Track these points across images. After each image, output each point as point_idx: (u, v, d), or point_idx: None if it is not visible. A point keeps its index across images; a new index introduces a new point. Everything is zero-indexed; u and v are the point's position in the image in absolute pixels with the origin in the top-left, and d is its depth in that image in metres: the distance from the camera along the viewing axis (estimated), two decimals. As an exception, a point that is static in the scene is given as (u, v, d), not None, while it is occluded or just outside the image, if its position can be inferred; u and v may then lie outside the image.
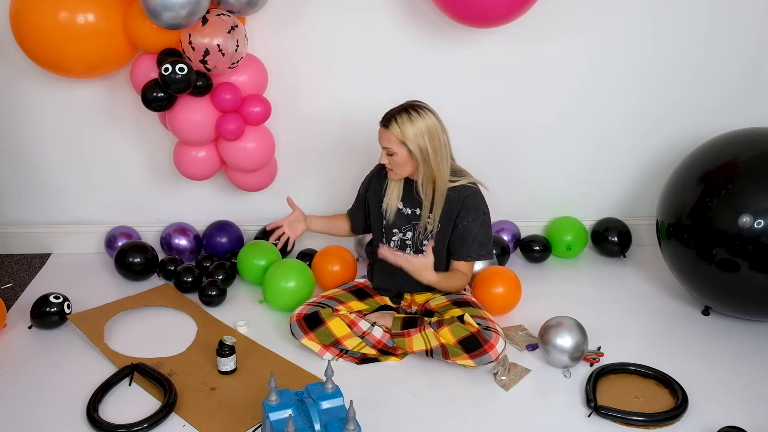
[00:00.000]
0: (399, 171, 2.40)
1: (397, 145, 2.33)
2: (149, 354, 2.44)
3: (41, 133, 3.00)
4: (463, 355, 2.33)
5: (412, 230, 2.51)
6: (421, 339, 2.39)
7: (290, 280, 2.67)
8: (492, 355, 2.32)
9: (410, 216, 2.50)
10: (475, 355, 2.32)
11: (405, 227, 2.51)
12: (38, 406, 2.21)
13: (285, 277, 2.68)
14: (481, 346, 2.32)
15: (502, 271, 2.75)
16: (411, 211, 2.49)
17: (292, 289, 2.66)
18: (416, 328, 2.42)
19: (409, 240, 2.52)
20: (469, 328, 2.35)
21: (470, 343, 2.33)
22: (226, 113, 2.67)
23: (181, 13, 2.37)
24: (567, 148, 3.10)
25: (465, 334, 2.34)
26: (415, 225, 2.49)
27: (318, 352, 2.43)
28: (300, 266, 2.74)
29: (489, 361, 2.32)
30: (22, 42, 2.54)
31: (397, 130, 2.32)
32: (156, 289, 2.87)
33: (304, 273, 2.72)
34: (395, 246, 2.54)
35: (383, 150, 2.37)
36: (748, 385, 2.33)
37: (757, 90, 3.01)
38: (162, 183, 3.10)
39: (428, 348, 2.38)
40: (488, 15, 2.56)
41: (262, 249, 2.86)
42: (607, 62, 2.95)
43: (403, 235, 2.52)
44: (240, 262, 2.88)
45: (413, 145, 2.32)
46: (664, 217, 2.66)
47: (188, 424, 2.13)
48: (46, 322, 2.56)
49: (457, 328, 2.36)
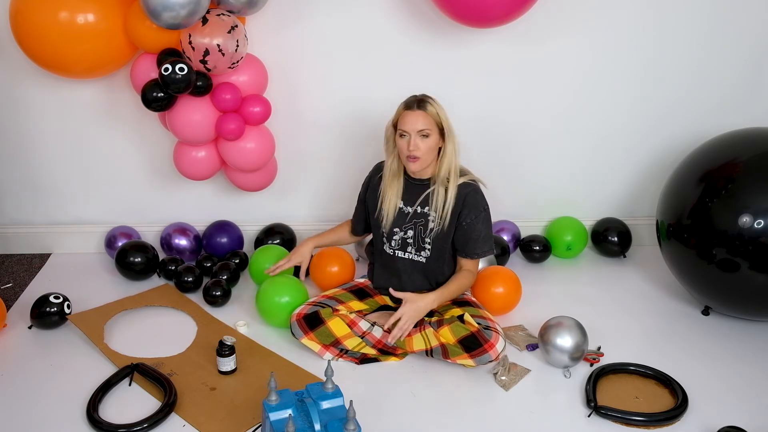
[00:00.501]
0: (426, 158, 2.40)
1: (432, 126, 2.37)
2: (149, 354, 2.44)
3: (41, 133, 3.00)
4: (463, 354, 2.33)
5: (413, 228, 2.51)
6: (421, 339, 2.39)
7: (284, 295, 2.55)
8: (492, 354, 2.32)
9: (411, 214, 2.50)
10: (475, 355, 2.32)
11: (405, 226, 2.51)
12: (38, 406, 2.21)
13: (278, 293, 2.55)
14: (481, 346, 2.32)
15: (503, 271, 2.75)
16: (411, 209, 2.49)
17: (286, 305, 2.54)
18: (416, 328, 2.42)
19: (411, 238, 2.52)
20: (469, 328, 2.35)
21: (470, 342, 2.33)
22: (226, 113, 2.67)
23: (181, 13, 2.37)
24: (567, 148, 3.10)
25: (465, 334, 2.34)
26: (416, 223, 2.49)
27: (318, 352, 2.43)
28: (293, 282, 2.61)
29: (489, 361, 2.32)
30: (22, 42, 2.54)
31: (433, 111, 2.37)
32: (156, 289, 2.87)
33: (297, 289, 2.60)
34: (396, 245, 2.54)
35: (415, 134, 2.36)
36: (748, 385, 2.33)
37: (757, 90, 3.01)
38: (162, 183, 3.10)
39: (428, 348, 2.38)
40: (488, 15, 2.56)
41: (275, 254, 2.81)
42: (607, 62, 2.95)
43: (404, 233, 2.52)
44: (252, 266, 2.82)
45: (446, 125, 2.39)
46: (664, 217, 2.66)
47: (188, 424, 2.13)
48: (46, 322, 2.56)
49: (457, 327, 2.36)
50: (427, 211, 2.48)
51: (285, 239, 3.07)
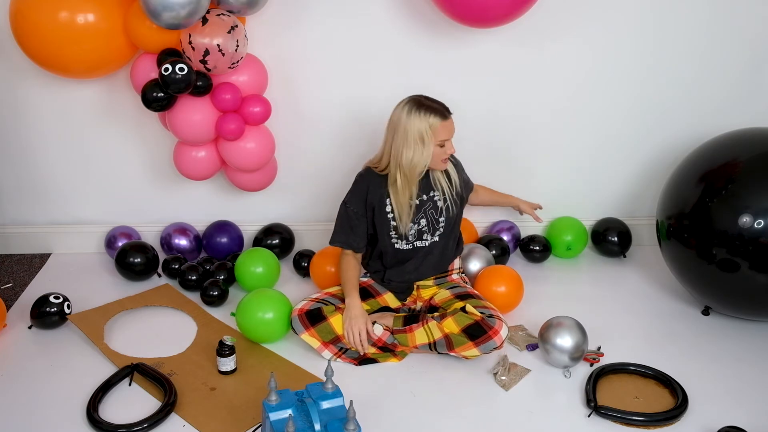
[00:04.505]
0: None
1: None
2: (149, 354, 2.44)
3: (41, 133, 3.00)
4: (468, 343, 2.33)
5: (425, 216, 2.51)
6: (424, 332, 2.40)
7: (267, 311, 2.47)
8: (497, 341, 2.32)
9: (419, 204, 2.49)
10: (479, 342, 2.33)
11: (417, 217, 2.50)
12: (38, 406, 2.21)
13: (261, 309, 2.46)
14: (485, 332, 2.33)
15: (505, 270, 2.75)
16: (419, 198, 2.49)
17: (269, 320, 2.46)
18: (418, 323, 2.42)
19: (425, 226, 2.52)
20: (473, 317, 2.36)
21: (474, 330, 2.34)
22: (226, 113, 2.67)
23: (181, 13, 2.37)
24: (567, 148, 3.10)
25: (469, 322, 2.35)
26: (426, 210, 2.50)
27: (317, 349, 2.43)
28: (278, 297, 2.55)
29: (493, 348, 2.33)
30: (22, 42, 2.54)
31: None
32: (156, 289, 2.87)
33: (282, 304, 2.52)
34: (413, 238, 2.53)
35: (449, 140, 2.40)
36: (748, 385, 2.33)
37: (757, 90, 3.00)
38: (162, 183, 3.10)
39: (431, 341, 2.38)
40: (488, 15, 2.56)
41: (260, 256, 2.82)
42: (607, 62, 2.95)
43: (418, 225, 2.51)
44: (238, 268, 2.82)
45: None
46: (664, 217, 2.66)
47: (188, 424, 2.13)
48: (46, 322, 2.56)
49: (461, 317, 2.37)
50: (432, 194, 2.48)
51: (284, 239, 3.07)
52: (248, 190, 2.94)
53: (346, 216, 2.53)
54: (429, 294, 2.61)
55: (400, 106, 2.39)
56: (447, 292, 2.57)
